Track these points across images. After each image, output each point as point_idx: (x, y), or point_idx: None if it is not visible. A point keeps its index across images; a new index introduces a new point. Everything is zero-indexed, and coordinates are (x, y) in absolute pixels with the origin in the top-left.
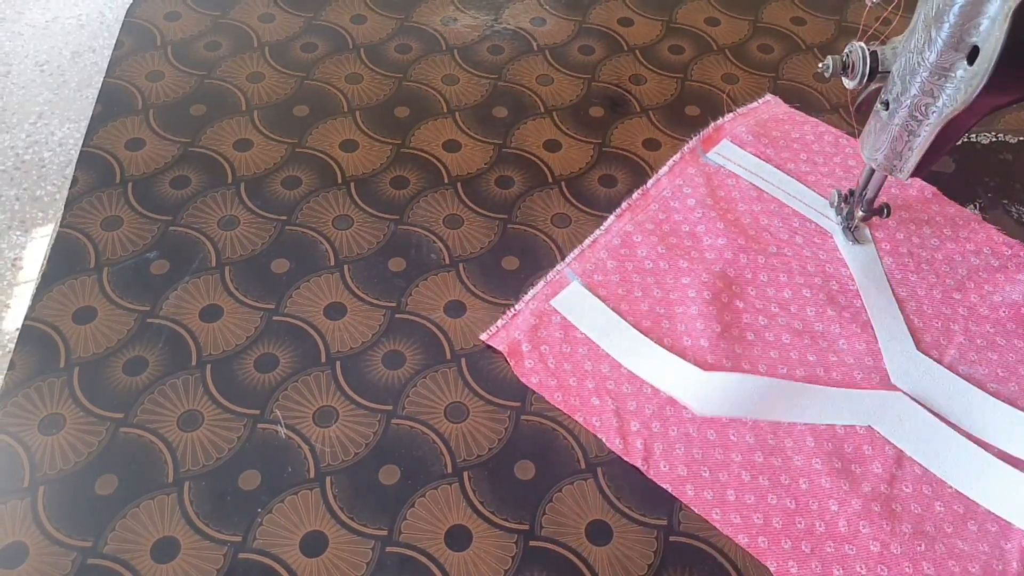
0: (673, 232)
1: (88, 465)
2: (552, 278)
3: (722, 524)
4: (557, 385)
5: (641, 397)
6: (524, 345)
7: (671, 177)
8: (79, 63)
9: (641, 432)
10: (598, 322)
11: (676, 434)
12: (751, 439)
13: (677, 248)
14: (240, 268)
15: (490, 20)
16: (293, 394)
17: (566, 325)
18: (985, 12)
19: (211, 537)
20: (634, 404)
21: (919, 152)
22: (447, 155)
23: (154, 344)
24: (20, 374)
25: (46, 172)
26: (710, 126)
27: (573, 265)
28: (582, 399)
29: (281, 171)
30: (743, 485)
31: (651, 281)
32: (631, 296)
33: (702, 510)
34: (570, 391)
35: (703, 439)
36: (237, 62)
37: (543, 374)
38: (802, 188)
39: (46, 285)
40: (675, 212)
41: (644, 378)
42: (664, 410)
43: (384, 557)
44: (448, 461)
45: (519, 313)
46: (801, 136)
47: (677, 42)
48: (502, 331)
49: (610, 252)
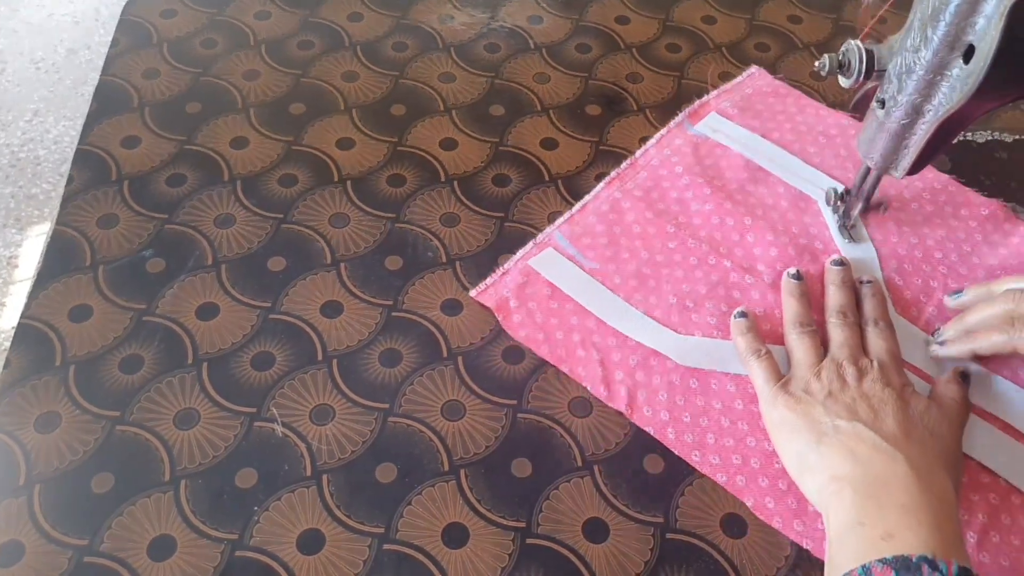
0: (661, 199)
1: (84, 463)
2: (541, 240)
3: (700, 464)
4: (544, 339)
5: (625, 349)
6: (512, 302)
7: (659, 148)
8: (74, 60)
9: (625, 381)
10: (580, 285)
11: (659, 382)
12: (732, 387)
13: (665, 213)
14: (236, 266)
15: (487, 18)
16: (290, 392)
17: (552, 283)
18: (981, 11)
19: (208, 535)
20: (618, 356)
21: (915, 151)
22: (444, 153)
23: (150, 342)
24: (16, 372)
25: (41, 170)
26: (695, 102)
27: (562, 228)
28: (568, 351)
29: (277, 169)
30: (723, 429)
31: (638, 244)
32: (619, 257)
33: (682, 452)
34: (556, 344)
35: (685, 387)
36: (233, 60)
37: (530, 328)
38: (786, 155)
39: (42, 283)
40: (663, 180)
41: (627, 333)
42: (648, 361)
43: (381, 555)
44: (445, 459)
45: (507, 272)
46: (784, 108)
47: (674, 40)
48: (491, 288)
49: (599, 217)
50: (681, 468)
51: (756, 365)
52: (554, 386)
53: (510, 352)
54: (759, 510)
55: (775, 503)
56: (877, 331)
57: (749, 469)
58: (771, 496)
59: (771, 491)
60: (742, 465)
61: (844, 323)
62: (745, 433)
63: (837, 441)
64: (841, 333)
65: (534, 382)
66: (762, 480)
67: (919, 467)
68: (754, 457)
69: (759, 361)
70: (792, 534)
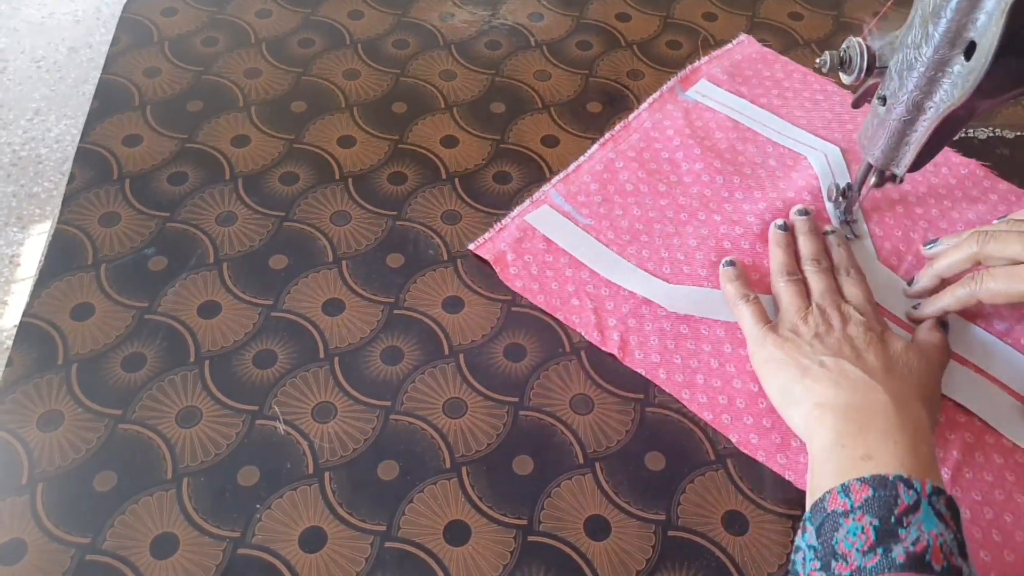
0: (653, 159)
1: (87, 462)
2: (537, 197)
3: (689, 402)
4: (539, 288)
5: (618, 298)
6: (509, 255)
7: (651, 112)
8: (75, 59)
9: (618, 327)
10: (574, 240)
11: (651, 328)
12: (722, 332)
13: (657, 173)
14: (238, 264)
15: (488, 15)
16: (291, 390)
17: (548, 238)
18: (982, 7)
19: (210, 533)
20: (612, 304)
21: (916, 147)
22: (445, 151)
23: (152, 340)
24: (18, 371)
25: (43, 168)
26: (687, 67)
27: (558, 187)
28: (562, 299)
29: (279, 167)
30: (711, 371)
31: (631, 201)
32: (612, 215)
33: (672, 390)
34: (551, 293)
35: (676, 332)
36: (234, 58)
37: (526, 279)
38: (774, 118)
39: (44, 282)
40: (655, 141)
41: (620, 284)
42: (639, 309)
43: (383, 552)
44: (447, 456)
45: (505, 227)
46: (772, 74)
47: (675, 37)
48: (489, 242)
49: (593, 176)
50: (682, 466)
51: (744, 309)
52: (556, 383)
53: (511, 349)
54: (744, 445)
55: (759, 439)
56: (851, 280)
57: (735, 408)
58: (755, 433)
59: (755, 428)
60: (728, 405)
61: (819, 269)
62: (732, 375)
63: (822, 374)
64: (820, 281)
65: (535, 379)
66: (747, 419)
67: (897, 397)
68: (740, 397)
69: (747, 305)
70: (775, 466)
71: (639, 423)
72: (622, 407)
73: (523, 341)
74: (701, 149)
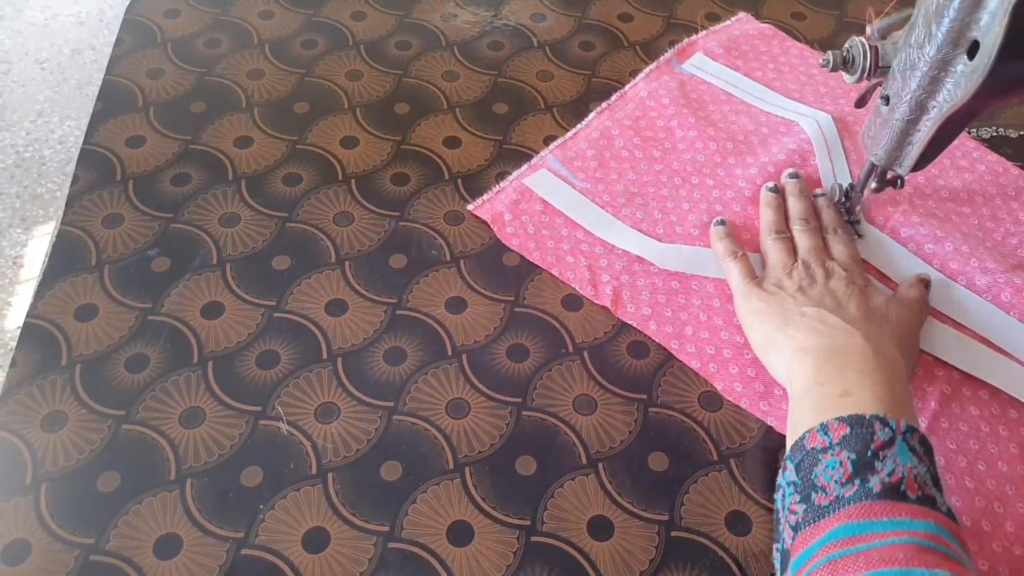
0: (648, 127)
1: (90, 462)
2: (535, 162)
3: (678, 352)
4: (535, 247)
5: (612, 256)
6: (506, 215)
7: (647, 82)
8: (79, 61)
9: (611, 282)
10: (571, 202)
11: (643, 284)
12: (711, 288)
13: (652, 140)
14: (241, 265)
15: (490, 16)
16: (294, 391)
17: (545, 200)
18: (985, 7)
19: (213, 533)
20: (605, 262)
21: (919, 147)
22: (447, 151)
23: (155, 341)
24: (22, 372)
25: (47, 170)
26: (684, 40)
27: (555, 152)
28: (558, 256)
29: (282, 168)
30: (700, 323)
31: (626, 167)
32: (607, 179)
33: (662, 340)
34: (547, 251)
35: (667, 288)
36: (237, 59)
37: (523, 238)
38: (767, 91)
39: (47, 283)
40: (650, 110)
41: (613, 243)
42: (632, 266)
43: (386, 553)
44: (449, 457)
45: (503, 190)
46: (769, 49)
47: (677, 37)
48: (487, 204)
49: (590, 143)
50: (686, 466)
51: (732, 265)
52: (558, 384)
53: (514, 350)
54: (728, 393)
55: (743, 387)
56: (838, 238)
57: (721, 358)
58: (740, 381)
59: (740, 377)
60: (715, 355)
61: (807, 229)
62: (720, 328)
63: (803, 323)
64: (807, 239)
65: (538, 380)
66: (732, 368)
67: (875, 342)
68: (727, 348)
69: (736, 261)
70: (758, 413)
71: (642, 423)
72: (625, 407)
73: (526, 341)
74: (695, 118)
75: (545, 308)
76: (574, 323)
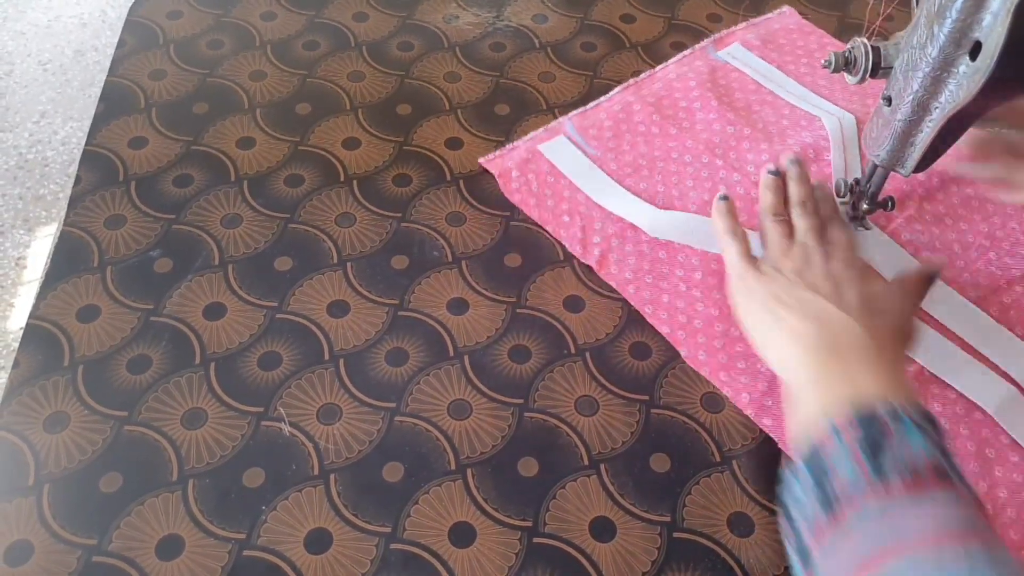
0: (671, 106)
1: (93, 463)
2: (552, 126)
3: (652, 317)
4: (535, 204)
5: (607, 222)
6: (514, 172)
7: (679, 65)
8: (82, 62)
9: (600, 244)
10: (579, 169)
11: (631, 249)
12: (695, 261)
13: (671, 118)
14: (243, 266)
15: (492, 17)
16: (297, 392)
17: (553, 164)
18: (987, 7)
19: (215, 534)
20: (599, 225)
21: (922, 148)
22: (449, 152)
23: (158, 342)
24: (24, 372)
25: (49, 171)
26: (723, 31)
27: (574, 119)
28: (555, 215)
29: (284, 169)
30: (678, 293)
31: (640, 140)
32: (619, 148)
33: (637, 304)
34: (546, 208)
35: (654, 257)
36: (239, 60)
37: (525, 194)
38: (797, 85)
39: (50, 284)
40: (676, 91)
41: (611, 209)
42: (625, 232)
43: (388, 554)
44: (451, 458)
45: (515, 148)
46: (806, 44)
47: (679, 38)
48: (498, 159)
49: (609, 115)
50: (688, 467)
51: (730, 243)
52: (560, 385)
53: (516, 351)
54: (691, 360)
55: (707, 356)
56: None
57: (691, 327)
58: (704, 351)
59: (705, 347)
60: (686, 323)
61: (806, 212)
62: (697, 299)
63: (799, 309)
64: (806, 221)
65: (540, 381)
66: (700, 337)
67: (872, 330)
68: (698, 319)
69: (734, 240)
70: (717, 381)
71: (644, 425)
72: (627, 409)
73: (528, 343)
74: (718, 102)
75: (547, 309)
76: (576, 324)
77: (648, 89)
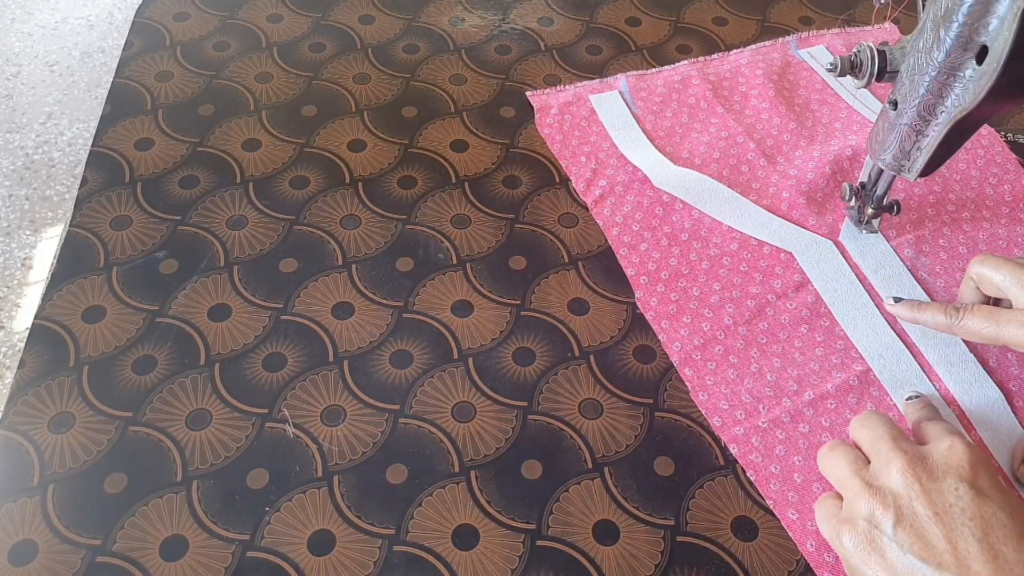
0: (729, 88)
1: (97, 463)
2: (608, 80)
3: (624, 259)
4: (561, 140)
5: (621, 171)
6: (553, 109)
7: (754, 53)
8: (88, 64)
9: (604, 188)
10: (618, 122)
11: (631, 199)
12: (688, 223)
13: (724, 99)
14: (248, 267)
15: (498, 20)
16: (301, 393)
17: (595, 110)
18: (994, 11)
19: (219, 535)
20: (612, 171)
21: (927, 152)
22: (454, 155)
23: (163, 343)
24: (30, 373)
25: (56, 172)
26: (812, 32)
27: (629, 79)
28: (573, 154)
29: (289, 171)
30: (658, 245)
31: (685, 110)
32: (662, 113)
33: (615, 246)
34: (569, 147)
35: (651, 212)
36: (245, 62)
37: (554, 129)
38: (867, 93)
39: (56, 284)
40: (741, 75)
41: (629, 158)
42: (633, 183)
43: (392, 556)
44: (455, 460)
45: (564, 90)
46: None
47: (685, 42)
48: (543, 94)
49: (666, 83)
50: (692, 471)
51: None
52: (564, 388)
53: (521, 354)
54: (642, 303)
55: (658, 303)
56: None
57: (657, 276)
58: (657, 298)
59: (662, 296)
60: (654, 271)
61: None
62: (673, 255)
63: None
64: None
65: (544, 384)
66: (660, 287)
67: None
68: (666, 271)
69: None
70: (656, 327)
71: (648, 428)
72: (631, 412)
73: (532, 345)
74: (776, 92)
75: (551, 312)
76: (580, 327)
77: (713, 68)
